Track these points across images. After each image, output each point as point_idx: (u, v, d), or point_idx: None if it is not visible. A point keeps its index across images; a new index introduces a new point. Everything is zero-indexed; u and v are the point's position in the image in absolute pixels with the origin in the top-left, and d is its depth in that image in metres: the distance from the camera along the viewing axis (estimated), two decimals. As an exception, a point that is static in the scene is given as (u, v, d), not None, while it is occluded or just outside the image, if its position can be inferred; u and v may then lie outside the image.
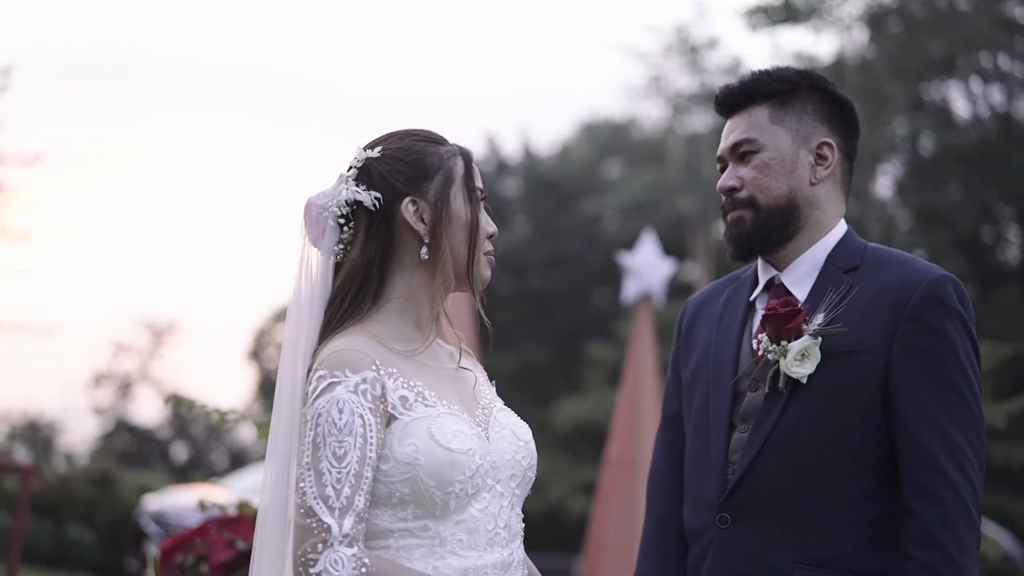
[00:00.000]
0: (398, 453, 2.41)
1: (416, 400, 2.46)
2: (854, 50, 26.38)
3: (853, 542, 2.68)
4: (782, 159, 2.81)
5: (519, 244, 30.87)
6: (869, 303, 2.71)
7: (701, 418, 2.86)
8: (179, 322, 40.52)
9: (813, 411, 2.69)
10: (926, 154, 26.86)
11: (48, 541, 16.77)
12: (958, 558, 2.59)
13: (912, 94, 26.18)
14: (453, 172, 2.60)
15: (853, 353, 2.69)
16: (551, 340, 30.62)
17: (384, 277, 2.56)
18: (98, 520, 17.22)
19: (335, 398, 2.38)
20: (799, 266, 2.82)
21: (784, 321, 2.72)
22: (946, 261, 24.18)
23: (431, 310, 2.61)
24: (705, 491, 2.80)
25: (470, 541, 2.46)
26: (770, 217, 2.80)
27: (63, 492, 17.22)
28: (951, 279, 2.72)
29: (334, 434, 2.36)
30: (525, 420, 2.73)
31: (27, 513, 7.38)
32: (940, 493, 2.61)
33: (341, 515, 2.32)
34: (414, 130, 2.66)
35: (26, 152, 16.62)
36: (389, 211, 2.56)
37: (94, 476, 17.95)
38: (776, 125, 2.83)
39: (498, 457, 2.53)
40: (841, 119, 2.88)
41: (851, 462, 2.69)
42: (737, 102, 2.88)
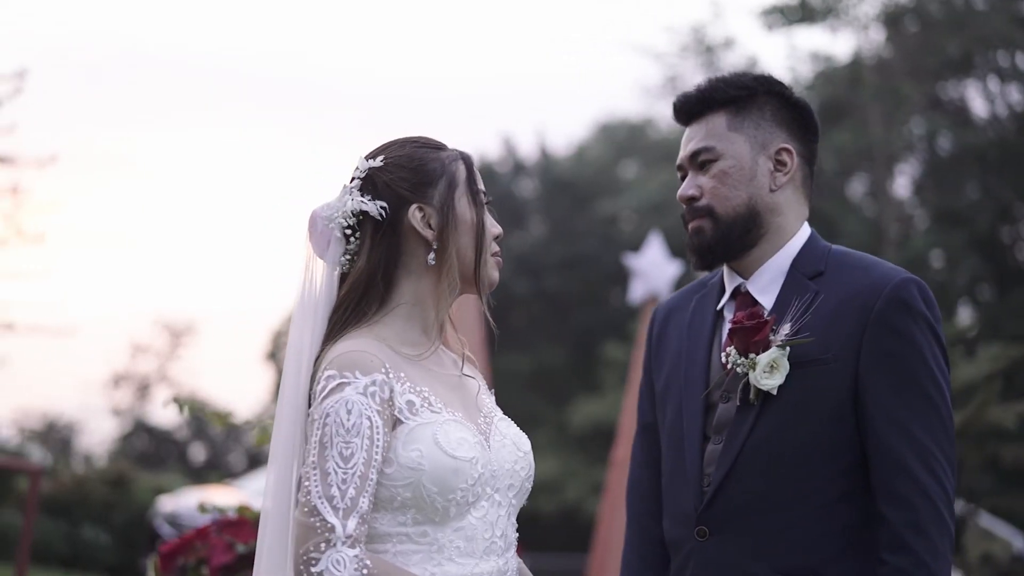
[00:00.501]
0: (402, 457, 2.42)
1: (422, 405, 2.47)
2: (871, 50, 26.30)
3: (830, 548, 2.68)
4: (741, 167, 2.80)
5: (535, 245, 30.86)
6: (835, 309, 2.71)
7: (675, 430, 2.86)
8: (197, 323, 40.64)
9: (785, 421, 2.69)
10: (943, 154, 26.76)
11: (63, 542, 16.83)
12: (930, 562, 2.59)
13: (929, 93, 26.09)
14: (456, 176, 2.62)
15: (821, 361, 2.69)
16: (567, 340, 30.59)
17: (390, 283, 2.58)
18: (113, 521, 17.28)
19: (344, 399, 2.40)
20: (764, 273, 2.82)
21: (751, 334, 2.72)
22: (964, 261, 24.10)
23: (437, 314, 2.62)
24: (682, 504, 2.80)
25: (468, 549, 2.47)
26: (730, 226, 2.79)
27: (78, 493, 17.28)
28: (915, 282, 2.71)
29: (341, 435, 2.38)
30: (541, 421, 2.75)
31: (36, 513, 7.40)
32: (910, 498, 2.61)
33: (345, 516, 2.33)
34: (413, 137, 2.68)
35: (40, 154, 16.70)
36: (395, 219, 2.58)
37: (109, 477, 18.01)
38: (734, 132, 2.82)
39: (498, 467, 2.54)
40: (800, 123, 2.87)
41: (824, 469, 2.69)
42: (695, 110, 2.87)
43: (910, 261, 25.05)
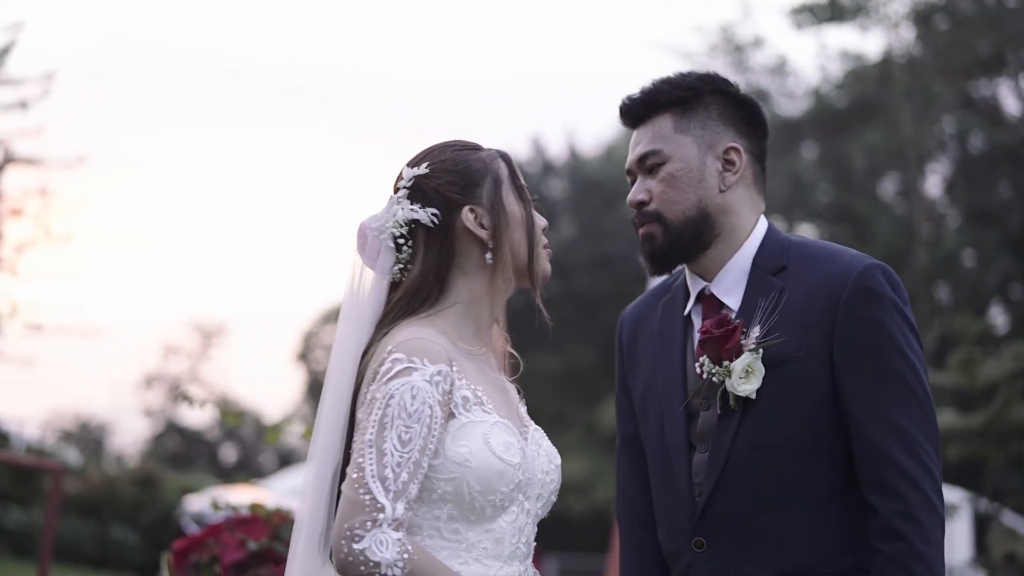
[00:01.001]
0: (450, 452, 2.44)
1: (475, 403, 2.49)
2: (901, 48, 26.16)
3: (829, 545, 2.67)
4: (689, 169, 2.76)
5: (564, 245, 30.81)
6: (803, 305, 2.68)
7: (658, 441, 2.83)
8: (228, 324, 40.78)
9: (767, 424, 2.67)
10: (975, 152, 26.60)
11: (92, 541, 16.92)
12: (923, 548, 2.57)
13: (960, 92, 25.95)
14: (500, 174, 2.65)
15: (796, 359, 2.66)
16: (596, 341, 30.53)
17: (444, 285, 2.61)
18: (141, 521, 17.36)
19: (410, 383, 2.41)
20: (727, 274, 2.78)
21: (721, 342, 2.69)
22: (995, 260, 23.94)
23: (492, 312, 2.65)
24: (675, 515, 2.78)
25: (495, 551, 2.49)
26: (680, 231, 2.76)
27: (107, 493, 17.38)
28: (879, 267, 2.68)
29: (403, 418, 2.38)
30: (570, 421, 2.77)
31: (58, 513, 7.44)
32: (898, 487, 2.59)
33: (395, 498, 2.34)
34: (451, 142, 2.70)
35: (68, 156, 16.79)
36: (447, 223, 2.61)
37: (138, 477, 18.09)
38: (680, 134, 2.78)
39: (532, 475, 2.56)
40: (747, 120, 2.84)
41: (813, 467, 2.67)
42: (640, 113, 2.83)
43: (941, 260, 24.92)
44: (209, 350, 41.09)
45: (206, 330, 41.02)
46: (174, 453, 38.01)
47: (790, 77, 29.20)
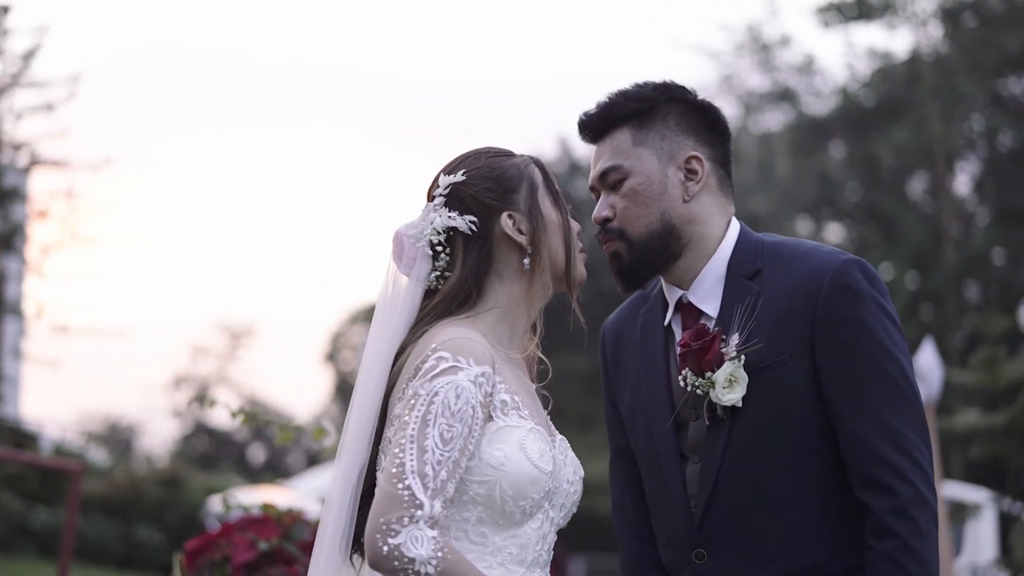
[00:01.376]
0: (486, 454, 2.43)
1: (513, 408, 2.48)
2: (929, 46, 26.04)
3: (830, 544, 2.65)
4: (650, 182, 2.72)
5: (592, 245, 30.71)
6: (781, 307, 2.65)
7: (650, 454, 2.80)
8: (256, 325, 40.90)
9: (757, 431, 2.65)
10: (1004, 150, 26.46)
11: (117, 542, 17.00)
12: (915, 544, 2.55)
13: (989, 90, 25.82)
14: (535, 180, 2.64)
15: (779, 363, 2.63)
16: (624, 341, 30.49)
17: (482, 289, 2.60)
18: (166, 521, 17.43)
19: (456, 382, 2.40)
20: (703, 281, 2.75)
21: (701, 354, 2.66)
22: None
23: (529, 317, 2.65)
24: (673, 528, 2.76)
25: (519, 556, 2.48)
26: (645, 246, 2.72)
27: (132, 493, 17.45)
28: (855, 262, 2.65)
29: (446, 416, 2.37)
30: (598, 422, 2.80)
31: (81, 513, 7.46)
32: (889, 483, 2.57)
33: (433, 496, 2.32)
34: (484, 149, 2.70)
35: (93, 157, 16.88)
36: (485, 229, 2.60)
37: (163, 477, 18.16)
38: (639, 147, 2.74)
39: (559, 484, 2.55)
40: (707, 127, 2.79)
41: (807, 469, 2.65)
42: (598, 128, 2.78)
43: (970, 259, 24.78)
44: (237, 351, 41.25)
45: (234, 331, 41.17)
46: (203, 454, 38.15)
47: (817, 76, 29.12)
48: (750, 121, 30.18)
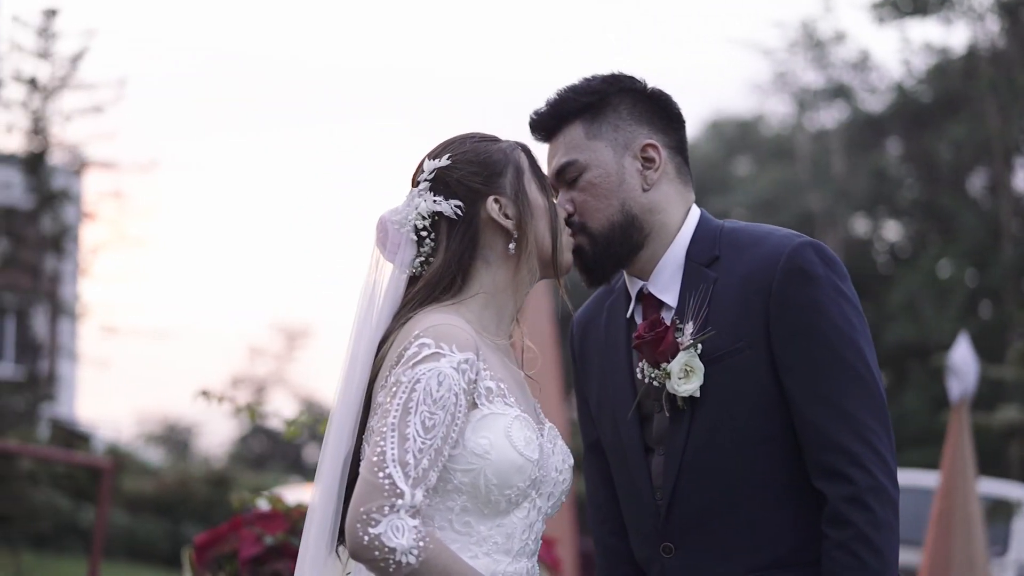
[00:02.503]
0: (470, 442, 2.39)
1: (498, 395, 2.45)
2: (986, 40, 25.75)
3: (794, 536, 2.60)
4: (607, 174, 2.68)
5: None
6: (736, 294, 2.60)
7: (617, 447, 2.77)
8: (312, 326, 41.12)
9: (717, 421, 2.60)
10: (1063, 145, 26.10)
11: (165, 540, 17.16)
12: (871, 532, 2.49)
13: (1048, 84, 25.47)
14: (521, 164, 2.61)
15: (736, 351, 2.58)
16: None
17: (467, 275, 2.57)
18: (214, 520, 17.52)
19: (438, 369, 2.35)
20: (662, 271, 2.70)
21: (655, 345, 2.61)
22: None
23: (515, 302, 2.61)
24: (641, 522, 2.72)
25: (505, 546, 2.45)
26: (608, 239, 2.68)
27: (180, 493, 17.60)
28: (811, 244, 2.58)
29: (428, 404, 2.33)
30: None
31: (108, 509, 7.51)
32: (844, 470, 2.51)
33: (415, 484, 2.29)
34: (469, 134, 2.67)
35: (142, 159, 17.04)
36: (471, 213, 2.56)
37: (212, 477, 18.30)
38: (593, 140, 2.70)
39: (546, 473, 2.52)
40: (659, 115, 2.74)
41: (771, 459, 2.60)
42: (550, 125, 2.74)
43: (1029, 256, 24.48)
44: (293, 352, 41.50)
45: (290, 332, 41.43)
46: (259, 454, 38.40)
47: (873, 72, 28.88)
48: (805, 118, 29.99)
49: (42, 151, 16.54)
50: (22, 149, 16.90)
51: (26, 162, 16.42)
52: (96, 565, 7.24)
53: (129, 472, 18.36)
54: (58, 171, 17.02)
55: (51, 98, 16.78)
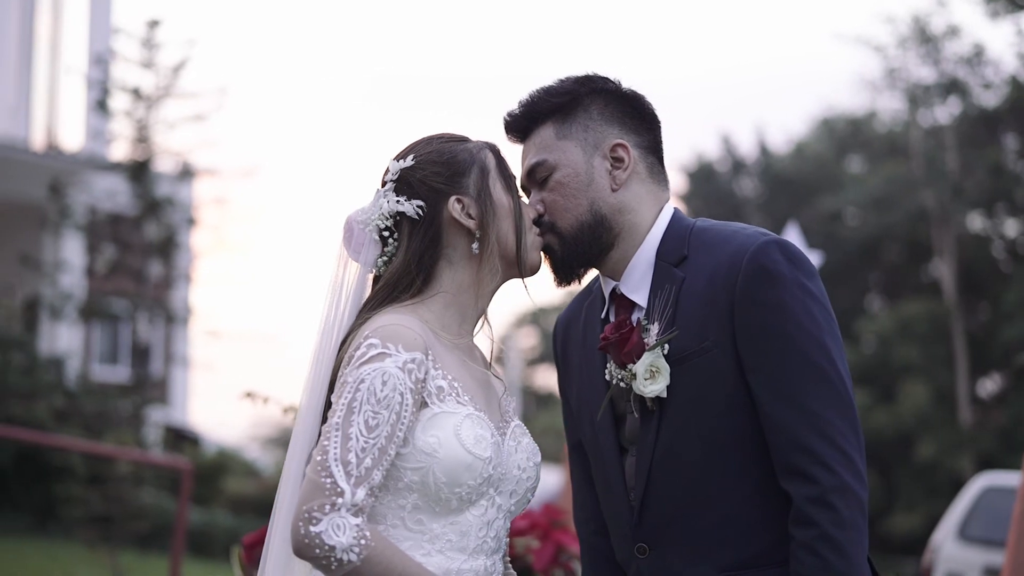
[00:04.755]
0: (419, 441, 2.41)
1: (450, 394, 2.47)
2: (1106, 32, 25.10)
3: (766, 537, 2.57)
4: (576, 173, 2.67)
5: None
6: (703, 293, 2.58)
7: (594, 447, 2.77)
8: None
9: (685, 422, 2.58)
10: None
11: (268, 540, 17.39)
12: (835, 533, 2.45)
13: None
14: (487, 164, 2.63)
15: (701, 351, 2.56)
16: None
17: (429, 275, 2.59)
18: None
19: (383, 369, 2.38)
20: (633, 271, 2.69)
21: (620, 346, 2.61)
22: None
23: (478, 303, 2.63)
24: (619, 523, 2.72)
25: (459, 543, 2.46)
26: (576, 238, 2.67)
27: (275, 495, 17.83)
28: (775, 242, 2.55)
29: (371, 403, 2.36)
30: None
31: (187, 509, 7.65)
32: (809, 470, 2.48)
33: (357, 483, 2.31)
34: (437, 134, 2.69)
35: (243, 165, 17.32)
36: (433, 213, 2.59)
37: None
38: (563, 140, 2.70)
39: (507, 471, 2.53)
40: (632, 115, 2.73)
41: (740, 459, 2.58)
42: (523, 126, 2.75)
43: None
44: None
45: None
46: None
47: (987, 67, 28.30)
48: (918, 115, 29.49)
49: (146, 159, 16.89)
50: (127, 158, 17.28)
51: (131, 170, 16.80)
52: (177, 564, 7.38)
53: (234, 474, 18.64)
54: (162, 178, 17.37)
55: (155, 107, 17.14)
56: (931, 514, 24.14)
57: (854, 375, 26.85)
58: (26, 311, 19.10)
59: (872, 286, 32.83)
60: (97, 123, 18.11)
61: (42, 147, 20.18)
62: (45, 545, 14.30)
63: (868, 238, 30.59)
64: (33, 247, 18.59)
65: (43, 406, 14.82)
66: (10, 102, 21.02)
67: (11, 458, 14.69)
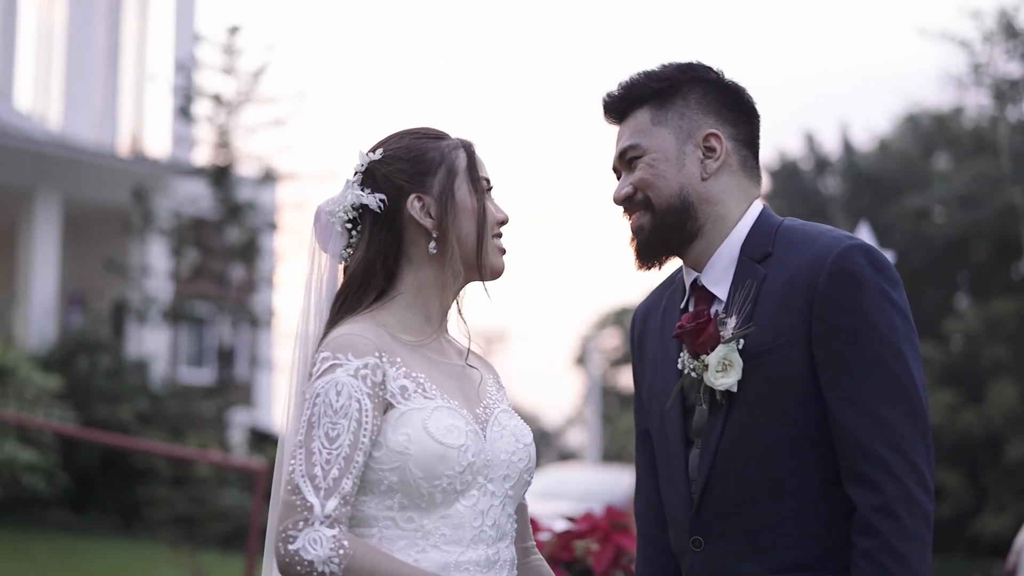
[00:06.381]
0: (391, 441, 2.42)
1: (416, 391, 2.47)
2: None
3: (822, 541, 2.54)
4: (666, 158, 2.67)
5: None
6: (783, 292, 2.56)
7: (661, 437, 2.76)
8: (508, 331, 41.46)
9: (752, 418, 2.56)
10: None
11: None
12: (898, 544, 2.42)
13: None
14: (456, 164, 2.62)
15: (776, 349, 2.54)
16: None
17: (391, 273, 2.60)
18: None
19: (335, 380, 2.40)
20: (716, 264, 2.68)
21: (695, 336, 2.60)
22: None
23: (440, 303, 2.63)
24: (677, 513, 2.71)
25: (454, 536, 2.46)
26: (664, 217, 2.66)
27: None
28: (860, 247, 2.52)
29: (329, 415, 2.38)
30: None
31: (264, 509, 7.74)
32: (875, 478, 2.45)
33: (326, 496, 2.34)
34: (414, 128, 2.70)
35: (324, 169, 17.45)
36: (394, 210, 2.59)
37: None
38: (658, 126, 2.69)
39: (493, 456, 2.53)
40: (730, 106, 2.72)
41: (803, 461, 2.55)
42: (620, 109, 2.75)
43: None
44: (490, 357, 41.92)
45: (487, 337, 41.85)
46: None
47: (1079, 60, 27.81)
48: (1004, 110, 29.02)
49: (228, 164, 17.10)
50: (209, 162, 17.50)
51: (213, 175, 17.01)
52: (252, 564, 7.46)
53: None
54: (244, 183, 17.56)
55: (236, 112, 17.35)
56: (1021, 515, 23.76)
57: (942, 375, 26.71)
58: (114, 315, 19.41)
59: (960, 285, 32.37)
60: (181, 129, 18.37)
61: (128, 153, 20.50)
62: (130, 545, 14.53)
63: (955, 236, 30.16)
64: (119, 252, 18.89)
65: (127, 409, 15.05)
66: (97, 109, 21.41)
67: (97, 460, 14.95)
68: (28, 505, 14.84)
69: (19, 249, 18.65)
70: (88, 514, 15.93)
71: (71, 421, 13.35)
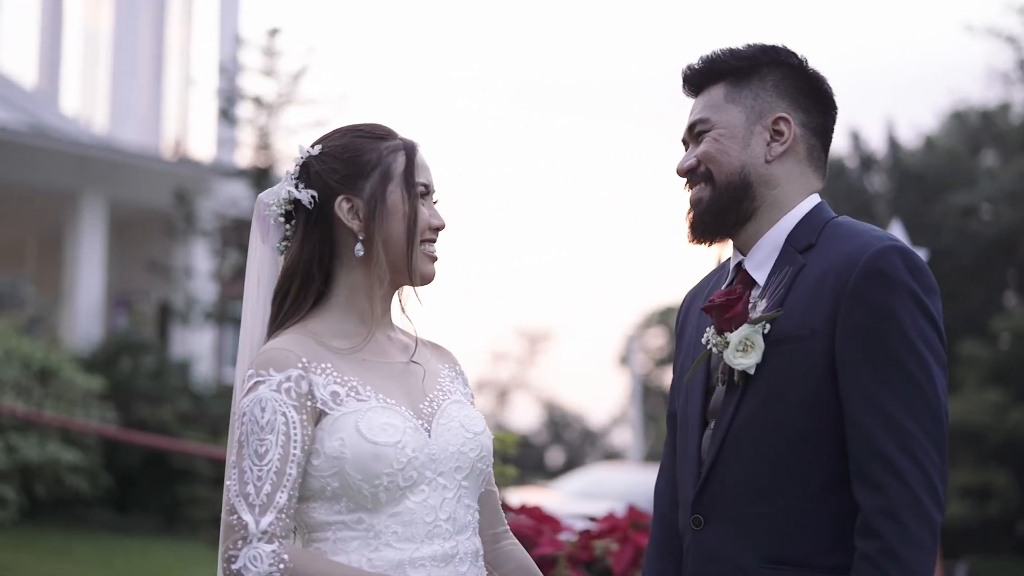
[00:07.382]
0: (327, 448, 2.44)
1: (348, 395, 2.47)
2: None
3: (820, 537, 2.52)
4: (732, 135, 2.68)
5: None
6: (816, 283, 2.55)
7: (682, 416, 2.77)
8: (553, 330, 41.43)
9: (765, 403, 2.55)
10: None
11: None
12: (900, 548, 2.39)
13: None
14: (392, 168, 2.59)
15: (799, 338, 2.52)
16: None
17: (328, 274, 2.60)
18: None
19: (258, 397, 2.43)
20: (761, 249, 2.68)
21: (723, 311, 2.60)
22: None
23: (372, 306, 2.60)
24: (686, 492, 2.71)
25: (406, 533, 2.46)
26: (723, 192, 2.67)
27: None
28: (898, 248, 2.50)
29: (256, 432, 2.41)
30: None
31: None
32: (882, 481, 2.42)
33: (261, 512, 2.36)
34: (358, 125, 2.67)
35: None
36: (325, 209, 2.58)
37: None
38: (730, 103, 2.70)
39: (439, 449, 2.52)
40: (807, 94, 2.72)
41: (810, 455, 2.53)
42: (697, 82, 2.76)
43: None
44: (535, 356, 41.90)
45: (532, 336, 41.83)
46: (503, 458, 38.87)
47: None
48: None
49: (269, 166, 17.18)
50: (250, 164, 17.59)
51: (254, 177, 17.09)
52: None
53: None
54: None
55: (276, 114, 17.43)
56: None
57: (990, 373, 26.44)
58: (158, 316, 19.53)
59: (1008, 282, 32.06)
60: (223, 131, 18.46)
61: (172, 156, 20.63)
62: (172, 545, 14.62)
63: (1002, 233, 29.86)
64: (163, 254, 19.03)
65: (168, 409, 15.15)
66: (142, 112, 21.57)
67: (140, 461, 15.07)
68: (71, 505, 14.99)
69: (65, 251, 18.81)
70: (130, 514, 16.05)
71: (113, 422, 13.46)
